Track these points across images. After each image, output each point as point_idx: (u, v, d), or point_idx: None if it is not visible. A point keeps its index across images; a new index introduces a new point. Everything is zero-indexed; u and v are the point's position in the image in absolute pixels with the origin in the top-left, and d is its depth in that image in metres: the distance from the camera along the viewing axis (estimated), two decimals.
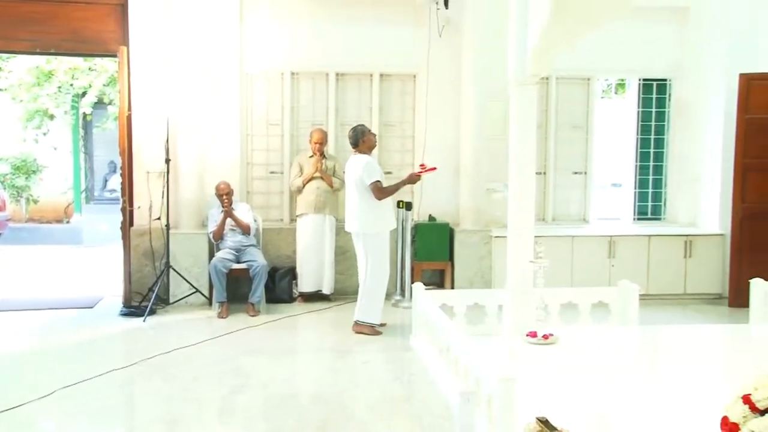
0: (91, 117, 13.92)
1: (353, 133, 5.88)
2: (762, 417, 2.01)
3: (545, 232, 6.98)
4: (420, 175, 6.06)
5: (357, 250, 5.90)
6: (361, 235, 5.80)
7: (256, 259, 6.53)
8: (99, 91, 12.43)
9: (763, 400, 2.02)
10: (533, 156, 4.38)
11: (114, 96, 12.07)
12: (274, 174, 7.43)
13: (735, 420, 2.06)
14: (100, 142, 15.34)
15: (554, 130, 7.63)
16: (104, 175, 15.67)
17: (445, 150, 7.40)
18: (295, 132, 7.42)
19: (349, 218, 5.89)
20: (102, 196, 15.39)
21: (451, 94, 7.34)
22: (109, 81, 12.27)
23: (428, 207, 7.39)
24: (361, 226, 5.79)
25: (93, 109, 12.99)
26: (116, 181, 14.37)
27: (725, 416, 2.11)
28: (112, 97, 12.43)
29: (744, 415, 2.06)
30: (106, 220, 12.05)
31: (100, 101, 12.88)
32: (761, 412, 2.03)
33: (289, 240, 7.20)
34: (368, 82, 7.48)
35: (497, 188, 7.30)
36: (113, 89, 12.06)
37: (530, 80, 4.27)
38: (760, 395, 2.04)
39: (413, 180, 6.02)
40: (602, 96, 9.25)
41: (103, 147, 15.33)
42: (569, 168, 7.72)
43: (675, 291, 7.26)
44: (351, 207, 5.86)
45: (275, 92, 7.39)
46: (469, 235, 7.16)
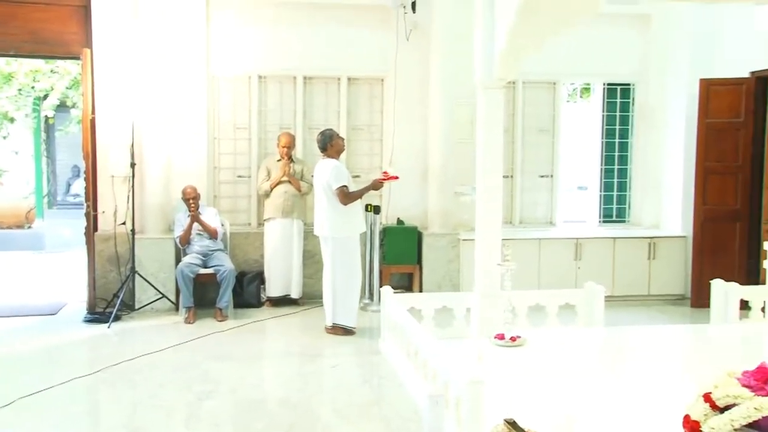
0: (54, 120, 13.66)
1: (321, 138, 5.89)
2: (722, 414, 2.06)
3: (513, 235, 7.04)
4: (382, 183, 6.11)
5: (324, 254, 5.89)
6: (330, 239, 5.80)
7: (224, 264, 6.49)
8: (61, 93, 12.20)
9: (722, 398, 2.07)
10: (500, 159, 4.41)
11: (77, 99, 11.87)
12: (242, 178, 7.39)
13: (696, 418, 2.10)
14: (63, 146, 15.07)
15: (521, 134, 7.71)
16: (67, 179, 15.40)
17: (413, 153, 7.43)
18: (262, 136, 7.39)
19: (318, 222, 5.89)
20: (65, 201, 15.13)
21: (418, 97, 7.38)
22: (72, 84, 12.07)
23: (396, 210, 7.41)
24: (330, 230, 5.79)
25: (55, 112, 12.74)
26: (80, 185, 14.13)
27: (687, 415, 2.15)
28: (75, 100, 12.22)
29: (705, 413, 2.10)
30: (69, 225, 11.86)
31: (63, 104, 12.65)
32: (721, 409, 2.07)
33: (256, 244, 7.16)
34: (336, 85, 7.48)
35: (465, 191, 7.35)
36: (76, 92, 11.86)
37: (497, 84, 4.30)
38: (719, 393, 2.08)
39: (376, 186, 6.07)
40: (568, 100, 9.35)
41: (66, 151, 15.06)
42: (536, 171, 7.81)
43: (639, 292, 7.38)
44: (319, 211, 5.86)
45: (242, 96, 7.36)
46: (437, 238, 7.20)
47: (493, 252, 4.36)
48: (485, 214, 4.38)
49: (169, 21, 6.86)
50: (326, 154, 5.87)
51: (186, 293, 6.33)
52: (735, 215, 6.99)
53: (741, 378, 2.13)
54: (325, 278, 5.88)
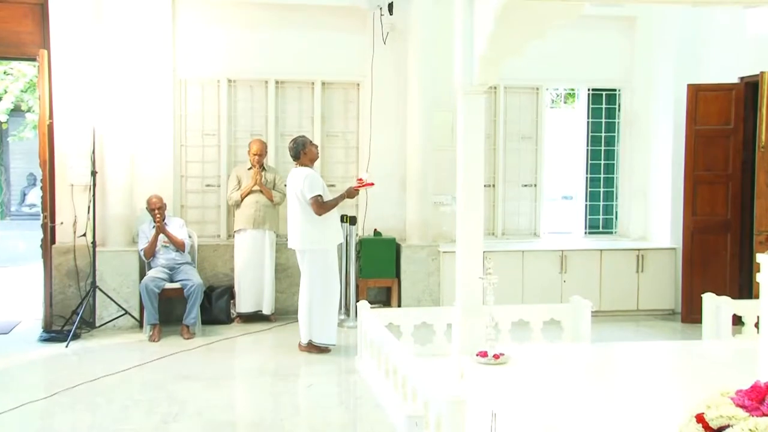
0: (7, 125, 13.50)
1: (294, 145, 5.88)
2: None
3: (495, 247, 7.08)
4: (357, 190, 6.12)
5: (301, 268, 5.87)
6: (305, 252, 5.78)
7: (191, 278, 6.44)
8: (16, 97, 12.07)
9: (716, 418, 2.07)
10: (482, 168, 4.44)
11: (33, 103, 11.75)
12: (210, 187, 7.34)
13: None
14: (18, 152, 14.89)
15: (503, 141, 7.76)
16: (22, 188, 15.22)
17: (390, 161, 7.44)
18: (232, 143, 7.35)
19: (291, 234, 5.86)
20: (20, 212, 14.95)
21: (396, 103, 7.40)
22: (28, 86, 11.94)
23: (373, 221, 7.41)
24: (304, 242, 5.77)
25: (9, 116, 12.59)
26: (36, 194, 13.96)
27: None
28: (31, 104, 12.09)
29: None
30: (24, 237, 11.71)
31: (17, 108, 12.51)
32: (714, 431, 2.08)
33: (226, 257, 7.12)
34: (310, 90, 7.48)
35: (445, 201, 7.38)
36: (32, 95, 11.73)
37: (478, 89, 4.33)
38: (712, 414, 2.09)
39: (351, 194, 6.06)
40: (551, 106, 9.44)
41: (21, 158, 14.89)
42: (519, 180, 7.86)
43: (628, 307, 7.43)
44: (293, 222, 5.84)
45: (211, 100, 7.32)
46: (416, 250, 7.20)
47: (474, 265, 4.37)
48: (466, 225, 4.40)
49: (132, 20, 6.81)
50: (299, 162, 5.87)
51: (150, 309, 6.26)
52: (726, 226, 7.05)
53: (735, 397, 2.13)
54: (301, 293, 5.85)
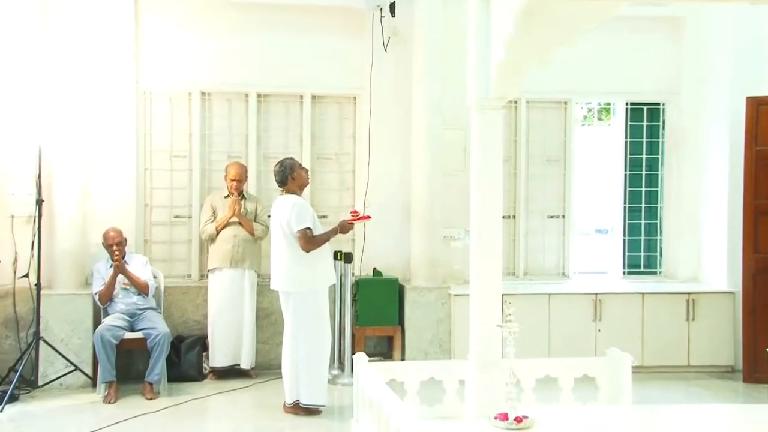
0: None
1: (280, 169, 5.91)
2: None
3: (516, 290, 7.08)
4: (352, 224, 6.14)
5: (284, 314, 5.87)
6: (291, 294, 5.78)
7: (156, 326, 6.44)
8: None
9: None
10: (500, 196, 4.45)
11: None
12: (180, 219, 7.39)
13: None
14: None
15: (525, 165, 7.81)
16: None
17: (392, 188, 7.49)
18: (206, 166, 7.41)
19: (275, 273, 5.87)
20: None
21: (399, 120, 7.47)
22: None
23: (372, 258, 7.43)
24: (291, 283, 5.78)
25: None
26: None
27: None
28: None
29: None
30: None
31: None
32: None
33: (198, 301, 7.13)
34: (298, 104, 7.55)
35: (456, 235, 7.40)
36: None
37: (495, 104, 4.36)
38: None
39: (345, 229, 6.08)
40: (582, 123, 9.48)
41: None
42: (544, 211, 7.90)
43: (676, 362, 7.37)
44: (277, 259, 5.85)
45: (181, 116, 7.39)
46: (423, 293, 7.21)
47: (491, 310, 4.37)
48: (482, 264, 4.41)
49: (87, 23, 6.88)
50: (286, 189, 5.89)
51: (106, 364, 6.25)
52: None
53: None
54: (285, 344, 5.85)
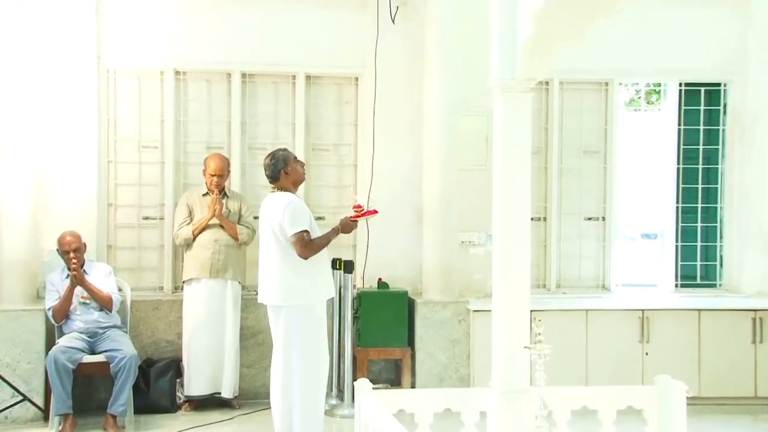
0: None
1: (271, 162, 5.86)
2: None
3: (547, 305, 7.08)
4: (356, 221, 6.09)
5: (274, 332, 5.85)
6: (283, 309, 5.76)
7: (121, 348, 6.44)
8: None
9: None
10: (528, 194, 4.48)
11: None
12: (150, 220, 7.42)
13: None
14: None
15: (558, 157, 7.83)
16: None
17: (401, 185, 7.53)
18: (181, 158, 7.45)
19: (264, 284, 5.84)
20: None
21: (409, 104, 7.50)
22: None
23: (377, 267, 7.46)
24: (282, 296, 5.74)
25: None
26: None
27: None
28: None
29: None
30: None
31: None
32: None
33: (171, 318, 7.17)
34: (289, 86, 7.59)
35: (476, 241, 7.42)
36: None
37: (522, 86, 4.39)
38: None
39: (347, 228, 6.03)
40: (627, 108, 9.50)
41: None
42: (580, 212, 7.92)
43: (739, 392, 7.34)
44: (267, 268, 5.82)
45: (151, 99, 7.43)
46: (437, 308, 7.23)
47: (518, 329, 4.40)
48: (507, 274, 4.43)
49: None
50: (278, 186, 5.85)
51: (61, 393, 6.23)
52: None
53: None
54: (274, 368, 5.83)
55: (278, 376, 5.81)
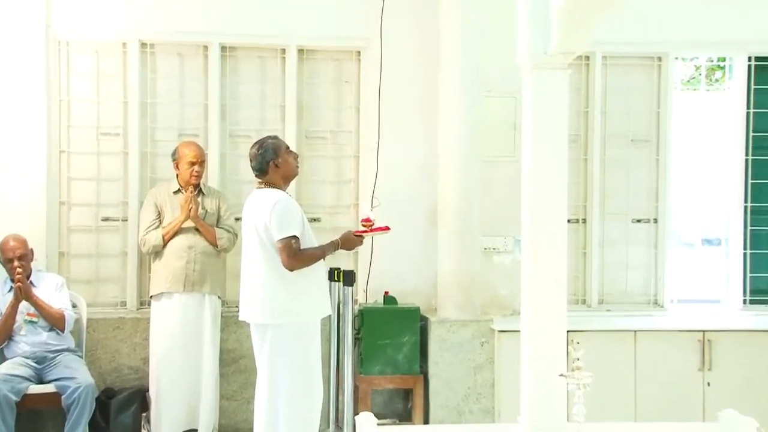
0: None
1: (259, 151, 5.85)
2: None
3: (587, 324, 7.09)
4: (362, 237, 6.08)
5: (258, 357, 5.87)
6: (269, 328, 5.77)
7: (75, 376, 6.44)
8: None
9: None
10: (564, 191, 4.50)
11: None
12: (110, 222, 7.44)
13: None
14: None
15: (600, 147, 7.84)
16: None
17: (412, 181, 7.56)
18: (148, 148, 7.46)
19: (248, 299, 5.84)
20: None
21: (421, 84, 7.52)
22: None
23: (383, 279, 7.48)
24: (269, 312, 5.74)
25: None
26: None
27: None
28: None
29: None
30: None
31: None
32: None
33: (136, 340, 7.19)
34: (278, 62, 7.61)
35: (502, 247, 7.42)
36: None
37: (557, 62, 4.40)
38: None
39: (350, 243, 6.01)
40: (685, 87, 9.49)
41: None
42: (627, 212, 7.93)
43: None
44: (251, 280, 5.82)
45: (112, 78, 7.44)
46: (455, 328, 7.22)
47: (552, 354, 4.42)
48: (538, 287, 4.46)
49: None
50: (266, 181, 5.84)
51: (2, 430, 6.27)
52: None
53: None
54: (258, 400, 5.84)
55: (263, 409, 5.82)
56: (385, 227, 6.09)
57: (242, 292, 5.92)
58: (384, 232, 6.09)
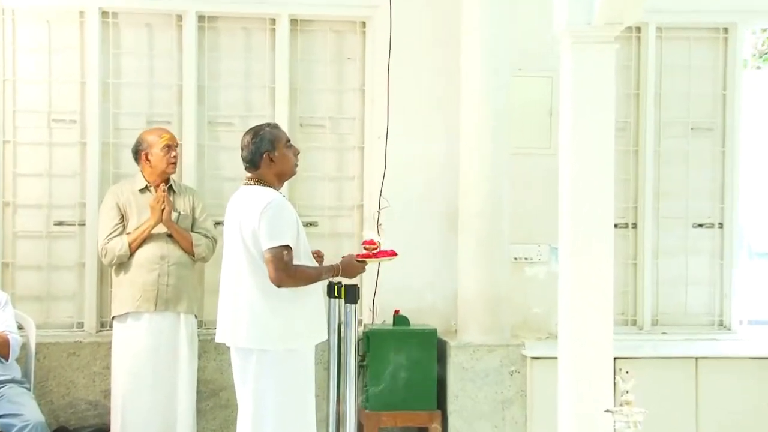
0: None
1: (253, 140, 5.75)
2: None
3: (638, 350, 7.13)
4: (364, 262, 6.07)
5: (240, 388, 5.86)
6: (254, 354, 5.77)
7: (21, 412, 6.44)
8: None
9: None
10: (610, 190, 4.53)
11: None
12: (65, 227, 7.47)
13: None
14: None
15: (654, 137, 7.86)
16: None
17: (428, 177, 7.61)
18: (110, 138, 7.49)
19: (228, 319, 5.84)
20: None
21: (439, 61, 7.56)
22: None
23: (393, 295, 7.51)
24: (255, 336, 5.73)
25: None
26: None
27: None
28: None
29: None
30: None
31: None
32: None
33: (95, 369, 7.22)
34: (266, 35, 7.64)
35: (536, 257, 7.44)
36: None
37: (603, 34, 4.44)
38: None
39: (351, 270, 5.96)
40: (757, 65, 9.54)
41: None
42: (686, 215, 7.96)
43: None
44: (233, 295, 5.82)
45: (67, 53, 7.47)
46: (479, 354, 7.24)
47: (596, 385, 4.44)
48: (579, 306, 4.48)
49: None
50: (256, 176, 5.78)
51: None
52: None
53: None
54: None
55: None
56: (392, 252, 6.10)
57: (221, 311, 5.88)
58: (390, 257, 6.10)
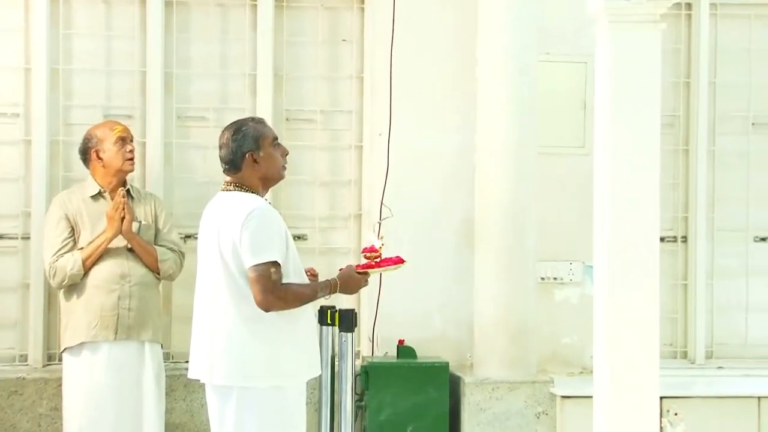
0: None
1: (234, 137, 5.68)
2: None
3: (690, 388, 7.13)
4: (366, 273, 6.01)
5: (216, 430, 5.87)
6: (234, 392, 5.77)
7: None
8: None
9: None
10: (656, 197, 4.53)
11: None
12: (5, 241, 7.50)
13: None
14: None
15: (708, 134, 7.87)
16: None
17: (439, 181, 7.60)
18: (60, 135, 7.50)
19: (204, 350, 5.84)
20: None
21: (452, 46, 7.58)
22: None
23: (396, 322, 7.52)
24: (235, 370, 5.71)
25: None
26: None
27: None
28: None
29: None
30: None
31: None
32: None
33: (41, 411, 7.22)
34: (246, 14, 7.66)
35: (567, 277, 7.45)
36: None
37: (645, 12, 4.44)
38: None
39: (351, 284, 5.83)
40: None
41: None
42: (746, 227, 7.98)
43: None
44: (210, 323, 5.80)
45: (10, 35, 7.49)
46: (499, 392, 7.25)
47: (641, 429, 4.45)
48: (619, 335, 4.49)
49: None
50: (237, 180, 5.72)
51: None
52: None
53: None
54: None
55: None
56: (398, 259, 6.00)
57: (195, 341, 5.84)
58: (396, 266, 6.02)
